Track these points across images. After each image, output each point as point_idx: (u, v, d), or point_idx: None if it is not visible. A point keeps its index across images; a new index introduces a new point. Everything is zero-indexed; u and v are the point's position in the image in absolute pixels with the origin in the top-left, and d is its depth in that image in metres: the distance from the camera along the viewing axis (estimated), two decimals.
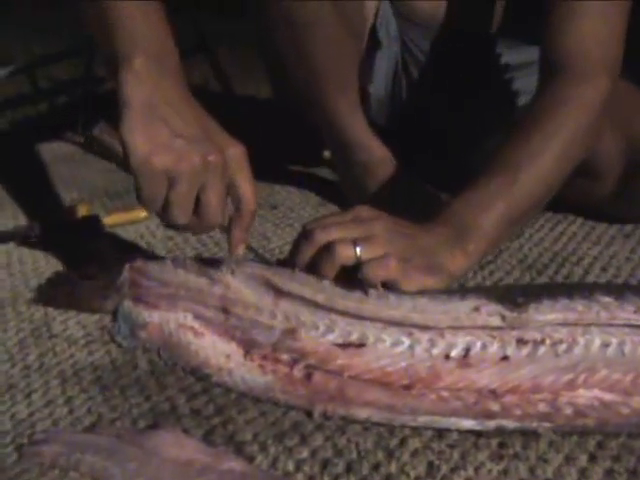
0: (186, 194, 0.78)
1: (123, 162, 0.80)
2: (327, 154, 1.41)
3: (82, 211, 1.29)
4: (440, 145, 1.38)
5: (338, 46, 1.17)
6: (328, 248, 0.82)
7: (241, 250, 0.85)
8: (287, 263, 0.86)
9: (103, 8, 0.85)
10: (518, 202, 0.95)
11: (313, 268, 0.83)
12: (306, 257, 0.83)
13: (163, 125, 0.78)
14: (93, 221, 1.24)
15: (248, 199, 0.82)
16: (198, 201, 0.80)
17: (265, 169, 1.47)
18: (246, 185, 0.82)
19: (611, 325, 0.78)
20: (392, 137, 1.31)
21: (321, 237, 0.83)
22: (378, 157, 1.23)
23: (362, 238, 0.83)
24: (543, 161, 0.98)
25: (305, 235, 0.85)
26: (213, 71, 1.97)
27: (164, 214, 0.80)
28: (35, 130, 2.02)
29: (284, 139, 1.58)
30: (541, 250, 1.16)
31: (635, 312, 0.79)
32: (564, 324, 0.78)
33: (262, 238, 1.20)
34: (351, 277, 0.82)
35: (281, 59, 1.21)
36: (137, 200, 0.81)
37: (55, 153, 1.76)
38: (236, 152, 0.81)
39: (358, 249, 0.82)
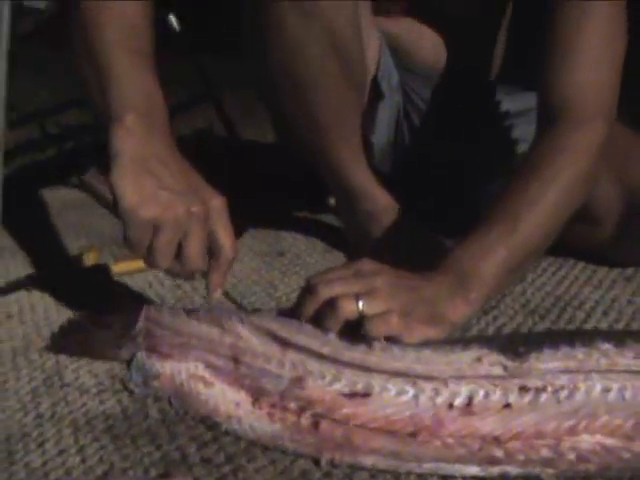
0: (169, 241, 0.83)
1: (112, 208, 0.85)
2: (332, 201, 1.43)
3: (91, 259, 1.31)
4: (442, 191, 1.40)
5: (341, 99, 1.19)
6: (331, 303, 0.85)
7: (218, 294, 0.90)
8: (292, 315, 0.88)
9: (97, 66, 0.90)
10: (518, 249, 0.97)
11: (317, 322, 0.86)
12: (310, 311, 0.87)
13: (151, 177, 0.84)
14: (102, 269, 1.26)
15: (226, 248, 0.87)
16: (180, 248, 0.85)
17: (271, 215, 1.51)
18: (225, 235, 0.86)
19: (611, 371, 0.80)
20: (395, 184, 1.34)
21: (324, 292, 0.86)
22: (382, 205, 1.26)
23: (364, 292, 0.86)
24: (541, 208, 1.00)
25: (309, 290, 0.88)
26: (217, 115, 2.00)
27: (149, 258, 0.85)
28: (43, 176, 2.04)
29: (289, 184, 1.61)
30: (543, 294, 1.18)
31: (635, 358, 0.81)
32: (565, 371, 0.80)
33: (269, 286, 1.22)
34: (355, 328, 0.84)
35: (284, 110, 1.23)
36: (124, 244, 0.85)
37: (63, 199, 1.78)
38: (217, 204, 0.86)
39: (361, 303, 0.85)
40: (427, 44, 1.30)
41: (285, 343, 0.84)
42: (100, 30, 0.92)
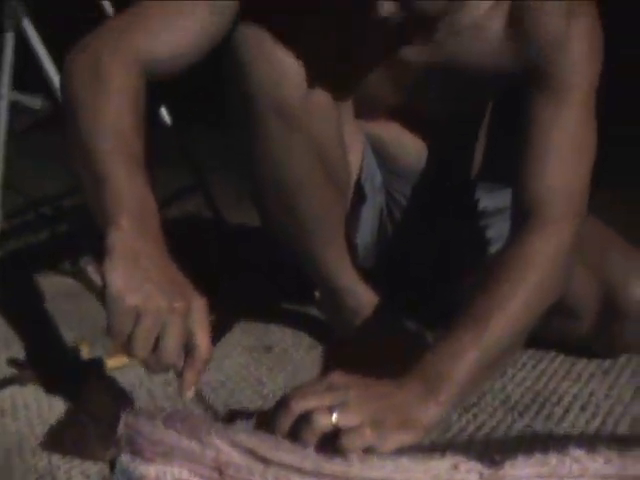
0: (148, 330, 0.86)
1: (101, 296, 0.89)
2: (317, 294, 1.46)
3: (84, 351, 1.34)
4: (422, 285, 1.45)
5: (325, 204, 1.25)
6: (306, 417, 0.89)
7: (191, 394, 0.93)
8: (269, 429, 0.91)
9: (92, 172, 0.95)
10: (489, 350, 1.00)
11: (294, 436, 0.89)
12: (286, 427, 0.90)
13: (140, 271, 0.88)
14: (96, 364, 1.29)
15: (202, 348, 0.90)
16: (158, 341, 0.88)
17: (260, 307, 1.54)
18: (202, 335, 0.89)
19: (583, 476, 0.84)
20: (378, 277, 1.39)
21: (298, 406, 0.90)
22: (365, 302, 1.30)
23: (337, 405, 0.89)
24: (511, 309, 1.03)
25: (283, 405, 0.91)
26: (205, 201, 2.05)
27: (127, 346, 0.88)
28: (37, 261, 2.06)
29: (275, 269, 1.64)
30: (523, 390, 1.21)
31: (605, 463, 0.85)
32: (539, 477, 0.83)
33: (257, 383, 1.25)
34: (331, 439, 0.88)
35: (269, 212, 1.29)
36: (106, 331, 0.88)
37: (57, 287, 1.81)
38: (198, 304, 0.90)
39: (334, 416, 0.88)
40: (410, 149, 1.35)
41: (266, 459, 0.86)
42: (95, 138, 0.97)
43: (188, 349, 0.90)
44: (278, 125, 1.16)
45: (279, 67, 1.13)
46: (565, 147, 1.13)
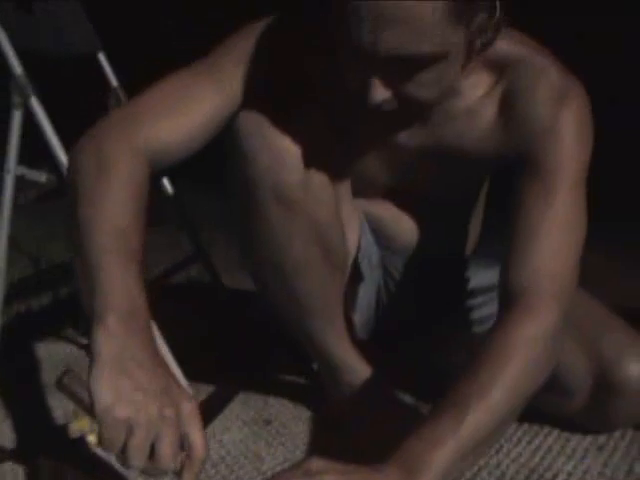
0: (143, 441, 0.86)
1: (90, 410, 0.88)
2: (315, 367, 1.48)
3: (78, 427, 1.34)
4: (415, 357, 1.47)
5: (323, 284, 1.27)
6: None
7: None
8: None
9: (85, 266, 0.95)
10: (468, 437, 0.99)
11: None
12: None
13: (127, 378, 0.87)
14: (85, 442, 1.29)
15: (198, 448, 0.89)
16: (153, 448, 0.88)
17: (258, 380, 1.55)
18: (196, 436, 0.89)
19: None
20: (375, 348, 1.41)
21: None
22: (362, 377, 1.32)
23: None
24: (492, 397, 1.01)
25: None
26: (205, 268, 2.08)
27: (123, 457, 0.87)
28: (38, 326, 2.08)
29: (274, 342, 1.66)
30: (518, 466, 1.23)
31: None
32: None
33: (256, 459, 1.26)
34: None
35: (267, 290, 1.31)
36: (99, 442, 0.88)
37: (58, 357, 1.83)
38: (189, 406, 0.90)
39: None
40: (406, 227, 1.38)
41: None
42: (92, 230, 0.97)
43: (185, 450, 0.89)
44: (278, 210, 1.19)
45: (278, 154, 1.16)
46: (552, 233, 1.13)
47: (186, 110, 1.12)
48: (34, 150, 1.62)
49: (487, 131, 1.20)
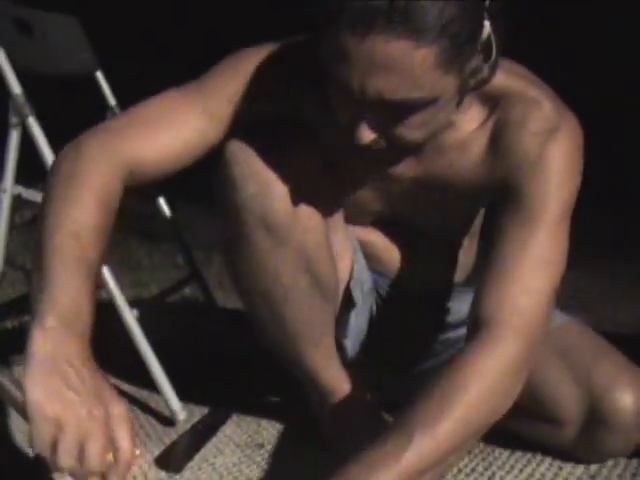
0: (71, 441, 0.87)
1: (22, 408, 0.89)
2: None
3: None
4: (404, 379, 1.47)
5: (311, 310, 1.27)
6: None
7: None
8: None
9: (38, 266, 0.97)
10: (410, 464, 0.97)
11: None
12: None
13: (59, 378, 0.89)
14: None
15: (125, 451, 0.90)
16: (82, 449, 0.88)
17: (251, 403, 1.55)
18: (124, 438, 0.90)
19: None
20: (366, 370, 1.41)
21: None
22: (352, 401, 1.32)
23: None
24: (439, 426, 0.99)
25: None
26: (199, 288, 2.08)
27: (51, 457, 0.88)
28: None
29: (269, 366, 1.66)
30: None
31: None
32: None
33: None
34: None
35: (257, 319, 1.31)
36: (29, 442, 0.89)
37: None
38: (119, 409, 0.91)
39: None
40: (396, 256, 1.40)
41: None
42: (51, 233, 0.99)
43: (113, 452, 0.90)
44: (265, 238, 1.20)
45: (265, 182, 1.17)
46: (527, 267, 1.11)
47: (167, 129, 1.14)
48: (31, 169, 1.62)
49: (477, 163, 1.20)
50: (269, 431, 1.47)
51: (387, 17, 0.92)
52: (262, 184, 1.17)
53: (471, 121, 1.18)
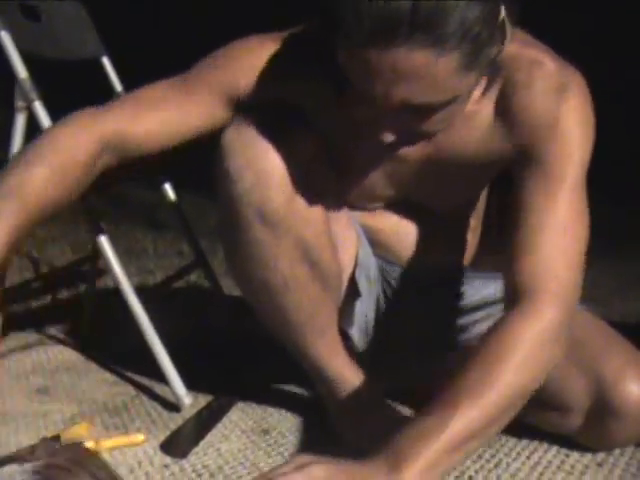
0: None
1: None
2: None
3: (76, 432, 1.34)
4: (410, 368, 1.46)
5: (314, 301, 1.27)
6: None
7: None
8: None
9: None
10: (457, 433, 0.98)
11: None
12: None
13: None
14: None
15: None
16: None
17: (257, 389, 1.55)
18: None
19: None
20: (369, 359, 1.41)
21: None
22: (357, 389, 1.31)
23: None
24: (484, 395, 1.01)
25: None
26: (205, 274, 2.08)
27: None
28: (37, 329, 2.08)
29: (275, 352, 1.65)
30: None
31: None
32: None
33: (254, 469, 1.26)
34: None
35: (258, 309, 1.31)
36: None
37: (57, 360, 1.83)
38: None
39: None
40: (405, 239, 1.38)
41: None
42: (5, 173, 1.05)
43: None
44: (263, 229, 1.19)
45: (262, 173, 1.16)
46: (556, 231, 1.12)
47: (158, 110, 1.17)
48: None
49: (487, 131, 1.19)
50: (275, 417, 1.47)
51: (409, 27, 0.90)
52: (259, 175, 1.16)
53: (474, 92, 1.14)
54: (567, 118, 1.14)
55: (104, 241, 1.52)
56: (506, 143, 1.18)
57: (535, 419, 1.30)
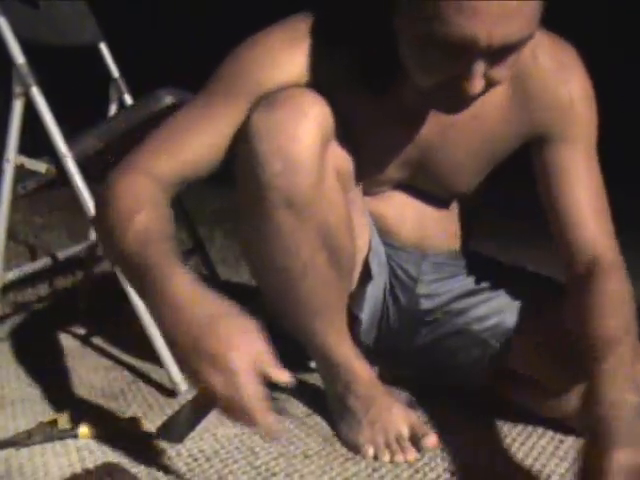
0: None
1: None
2: (312, 364, 1.48)
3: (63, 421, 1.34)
4: (415, 362, 1.47)
5: (329, 286, 1.26)
6: None
7: None
8: None
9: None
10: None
11: None
12: None
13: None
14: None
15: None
16: None
17: None
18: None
19: None
20: (376, 353, 1.42)
21: None
22: (361, 378, 1.31)
23: None
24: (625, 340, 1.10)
25: None
26: (202, 261, 2.09)
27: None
28: (34, 316, 2.09)
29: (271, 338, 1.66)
30: (512, 467, 1.23)
31: None
32: None
33: (250, 453, 1.26)
34: None
35: (271, 292, 1.30)
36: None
37: (54, 346, 1.83)
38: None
39: None
40: (408, 224, 1.39)
41: None
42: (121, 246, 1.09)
43: None
44: (288, 214, 1.17)
45: (291, 158, 1.14)
46: (594, 203, 1.25)
47: (192, 138, 1.18)
48: (34, 139, 1.62)
49: (498, 113, 1.23)
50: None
51: None
52: (287, 161, 1.14)
53: None
54: (578, 95, 1.23)
55: None
56: (521, 125, 1.24)
57: (530, 403, 1.31)
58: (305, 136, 1.14)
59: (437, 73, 1.05)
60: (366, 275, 1.36)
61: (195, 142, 1.17)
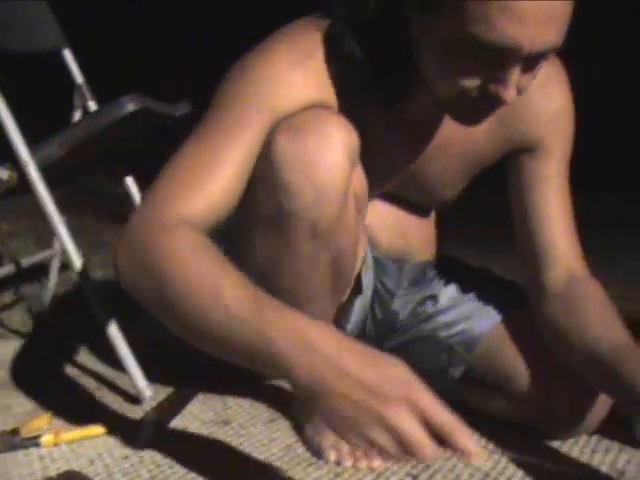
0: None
1: None
2: None
3: (36, 426, 1.34)
4: None
5: (324, 314, 1.23)
6: None
7: None
8: None
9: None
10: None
11: None
12: None
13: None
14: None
15: None
16: None
17: (217, 381, 1.55)
18: None
19: None
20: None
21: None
22: None
23: None
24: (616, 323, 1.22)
25: None
26: None
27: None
28: (0, 320, 2.07)
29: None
30: (471, 470, 1.24)
31: None
32: None
33: (215, 460, 1.26)
34: None
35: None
36: None
37: (18, 353, 1.82)
38: None
39: None
40: (390, 233, 1.39)
41: None
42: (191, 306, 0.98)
43: None
44: (310, 244, 1.13)
45: (322, 189, 1.08)
46: (568, 214, 1.29)
47: (212, 181, 1.06)
48: None
49: (489, 123, 1.17)
50: (235, 409, 1.48)
51: None
52: (318, 191, 1.08)
53: None
54: (561, 108, 1.27)
55: (64, 233, 1.52)
56: (507, 135, 1.27)
57: (500, 410, 1.34)
58: (334, 164, 1.08)
59: (469, 79, 1.02)
60: (356, 290, 1.35)
61: (220, 174, 1.06)
